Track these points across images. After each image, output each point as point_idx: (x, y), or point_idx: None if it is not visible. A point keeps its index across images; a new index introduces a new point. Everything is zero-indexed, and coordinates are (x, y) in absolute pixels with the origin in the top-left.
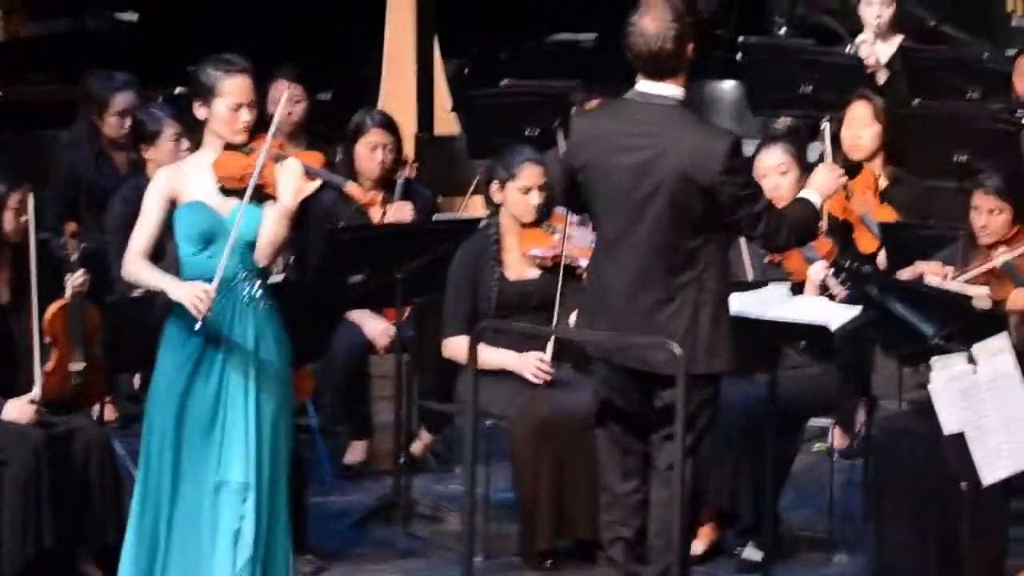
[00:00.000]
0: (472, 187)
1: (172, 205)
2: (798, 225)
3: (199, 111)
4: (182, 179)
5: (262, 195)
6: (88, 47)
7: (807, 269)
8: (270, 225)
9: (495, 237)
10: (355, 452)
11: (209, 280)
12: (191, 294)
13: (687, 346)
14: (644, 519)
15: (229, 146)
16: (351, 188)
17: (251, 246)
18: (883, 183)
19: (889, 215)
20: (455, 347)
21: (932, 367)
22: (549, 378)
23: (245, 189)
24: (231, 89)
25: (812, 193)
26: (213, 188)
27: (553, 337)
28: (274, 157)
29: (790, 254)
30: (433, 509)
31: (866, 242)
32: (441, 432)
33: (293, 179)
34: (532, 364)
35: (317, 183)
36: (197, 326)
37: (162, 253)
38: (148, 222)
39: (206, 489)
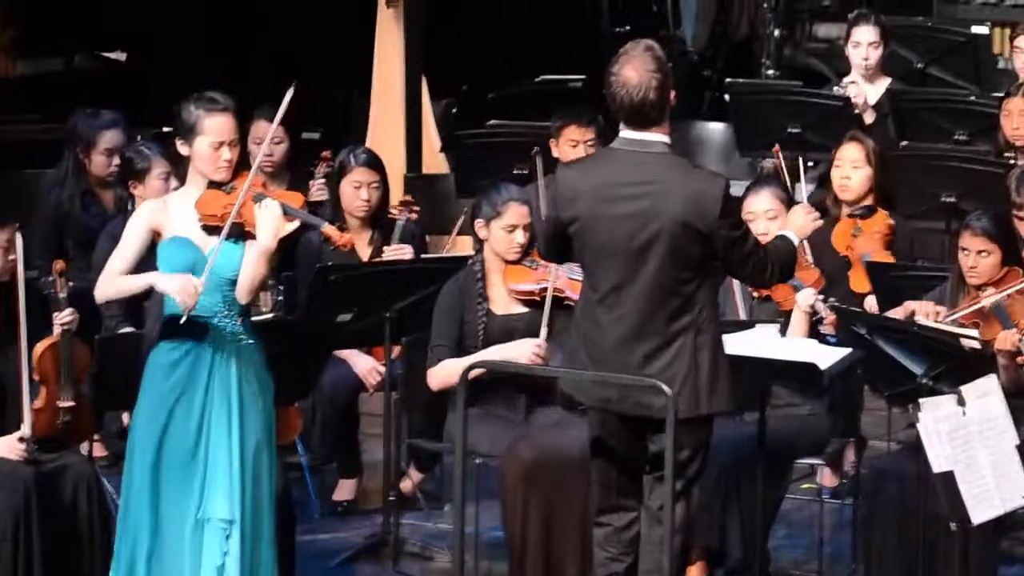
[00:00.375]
0: (458, 226)
1: (154, 238)
2: (782, 262)
3: (181, 148)
4: (166, 213)
5: (242, 233)
6: (76, 86)
7: (794, 297)
8: (250, 264)
9: (480, 274)
10: (344, 490)
11: (198, 316)
12: (183, 286)
13: (688, 390)
14: (637, 555)
15: (212, 184)
16: (327, 229)
17: (231, 283)
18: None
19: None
20: (441, 371)
21: (921, 407)
22: (543, 362)
23: (222, 227)
24: (212, 128)
25: (790, 233)
26: (196, 224)
27: (546, 321)
28: (254, 197)
29: (776, 287)
30: (422, 547)
31: (861, 282)
32: (430, 470)
33: (271, 219)
34: (530, 350)
35: (295, 224)
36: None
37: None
38: (127, 246)
39: (187, 524)
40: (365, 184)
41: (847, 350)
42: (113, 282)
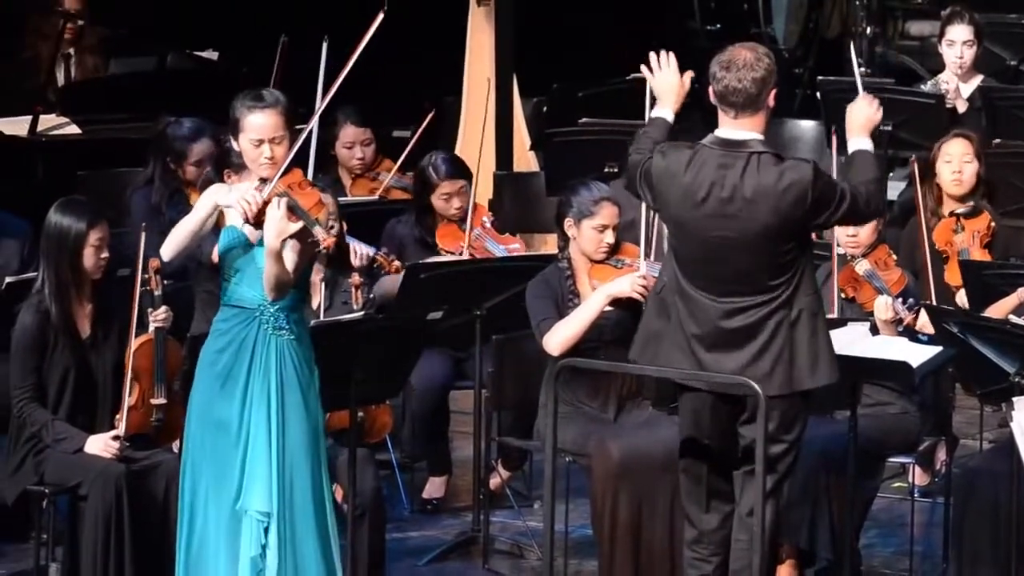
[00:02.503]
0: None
1: (220, 219)
2: (875, 182)
3: (233, 144)
4: (228, 199)
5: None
6: (168, 86)
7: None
8: (267, 260)
9: (568, 271)
10: (434, 488)
11: (235, 306)
12: (241, 196)
13: (782, 368)
14: (727, 555)
15: (263, 182)
16: (317, 232)
17: None
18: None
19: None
20: (557, 333)
21: (1014, 405)
22: (647, 292)
23: (260, 222)
24: (253, 125)
25: (859, 138)
26: None
27: (642, 255)
28: (279, 194)
29: (862, 287)
30: (512, 545)
31: (955, 277)
32: (519, 469)
33: (274, 218)
34: (636, 283)
35: (300, 224)
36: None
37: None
38: (192, 213)
39: (223, 514)
40: (454, 194)
41: (939, 348)
42: (175, 232)
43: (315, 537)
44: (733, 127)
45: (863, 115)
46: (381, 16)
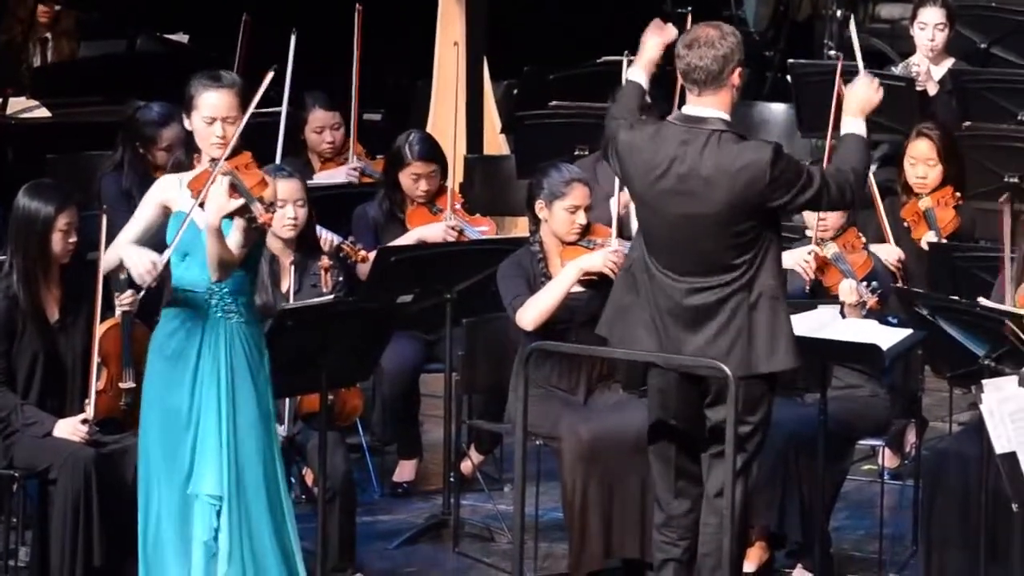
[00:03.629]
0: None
1: (166, 212)
2: (856, 170)
3: (186, 123)
4: (177, 188)
5: None
6: (138, 68)
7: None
8: (206, 243)
9: (540, 255)
10: (404, 472)
11: (185, 290)
12: (139, 260)
13: (740, 349)
14: (695, 539)
15: (213, 162)
16: (256, 208)
17: None
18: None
19: (952, 225)
20: (531, 307)
21: (983, 388)
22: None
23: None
24: (207, 103)
25: (853, 120)
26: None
27: (615, 231)
28: (224, 173)
29: (829, 271)
30: (482, 528)
31: (921, 232)
32: (490, 452)
33: (216, 196)
34: (609, 259)
35: (240, 201)
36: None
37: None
38: (136, 219)
39: (175, 497)
40: (424, 176)
41: (909, 331)
42: (112, 250)
43: (269, 519)
44: (696, 104)
45: (862, 95)
46: (269, 76)
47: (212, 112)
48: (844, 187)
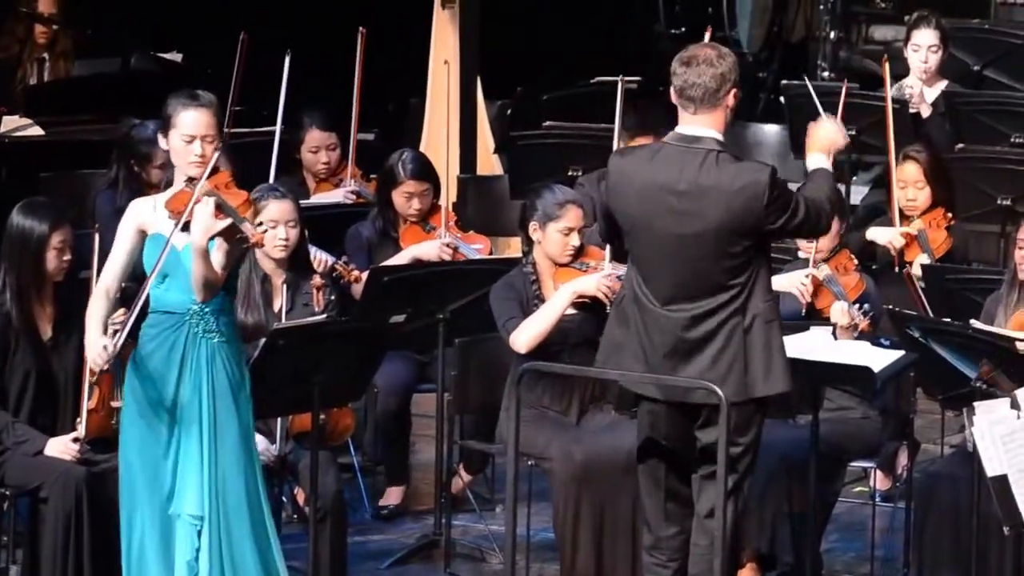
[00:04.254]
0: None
1: (143, 237)
2: (830, 202)
3: (162, 142)
4: (151, 211)
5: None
6: (132, 87)
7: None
8: (191, 263)
9: (533, 275)
10: (391, 497)
11: (164, 312)
12: (94, 344)
13: (736, 374)
14: (685, 560)
15: (189, 180)
16: (246, 228)
17: None
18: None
19: (944, 247)
20: (524, 330)
21: (975, 411)
22: (613, 292)
23: (188, 223)
24: (186, 121)
25: (818, 157)
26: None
27: (608, 257)
28: (207, 193)
29: (821, 293)
30: (473, 549)
31: (913, 254)
32: (480, 472)
33: (202, 216)
34: (602, 283)
35: (227, 222)
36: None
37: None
38: (116, 255)
39: (157, 518)
40: (416, 195)
41: (901, 353)
42: (93, 303)
43: (251, 539)
44: (692, 123)
45: (827, 136)
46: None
47: (191, 130)
48: (821, 215)
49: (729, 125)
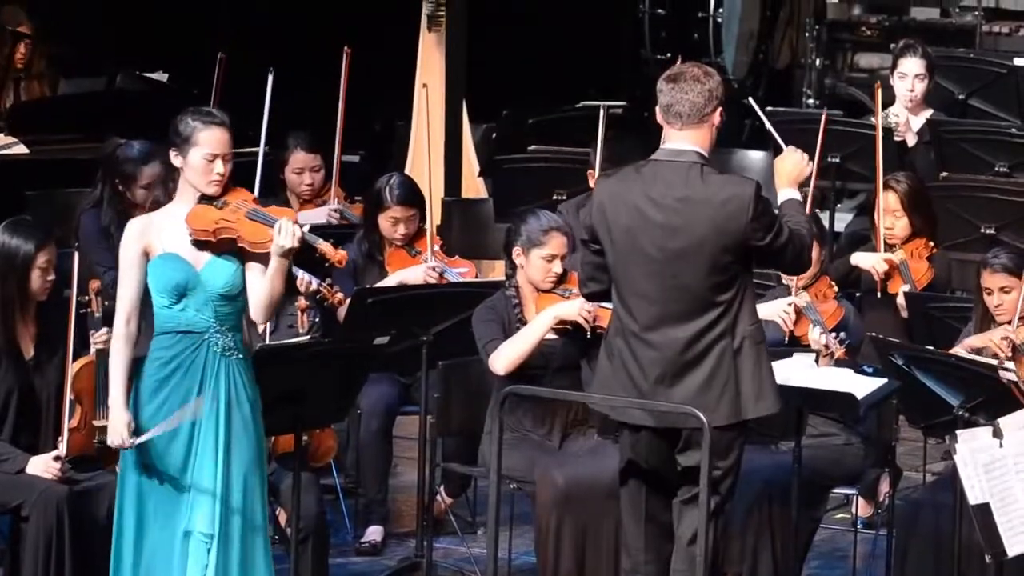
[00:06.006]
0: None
1: (145, 257)
2: (809, 234)
3: (175, 160)
4: (153, 230)
5: (234, 248)
6: (118, 106)
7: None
8: (267, 282)
9: (516, 299)
10: (372, 534)
11: (180, 332)
12: (120, 424)
13: (728, 397)
14: None
15: (203, 199)
16: (322, 246)
17: (223, 298)
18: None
19: (926, 277)
20: (504, 352)
21: (957, 438)
22: (592, 317)
23: (214, 242)
24: (207, 140)
25: (787, 191)
26: (186, 240)
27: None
28: (248, 213)
29: (800, 320)
30: (456, 571)
31: (895, 285)
32: (461, 495)
33: (284, 234)
34: (584, 308)
35: (309, 238)
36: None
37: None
38: (129, 286)
39: (175, 540)
40: (402, 219)
41: (884, 380)
42: (116, 353)
43: (262, 557)
44: (679, 140)
45: (792, 167)
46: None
47: (214, 148)
48: (804, 246)
49: (714, 146)
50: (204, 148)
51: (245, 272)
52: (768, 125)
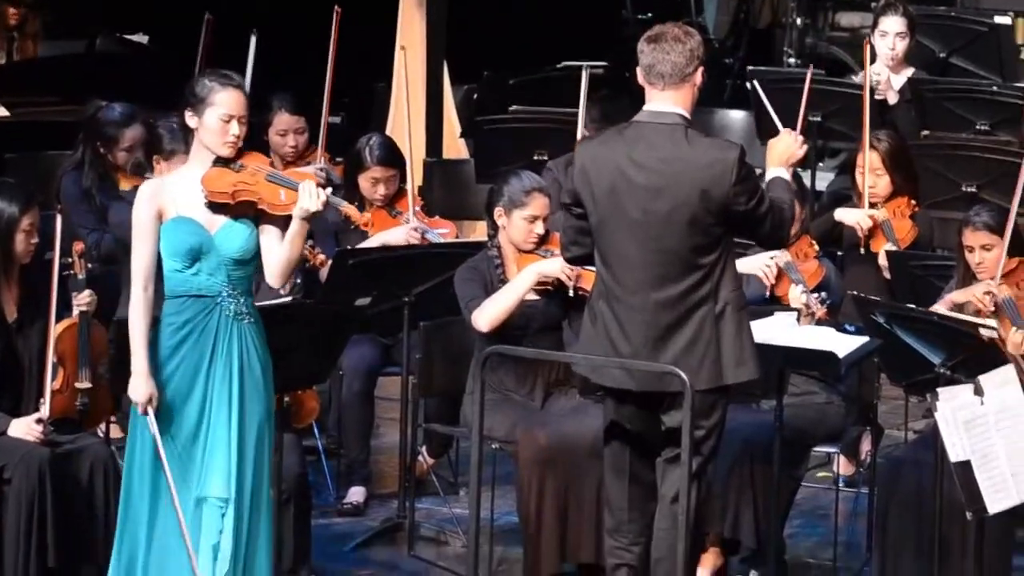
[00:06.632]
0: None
1: (158, 220)
2: (790, 210)
3: (190, 120)
4: (166, 194)
5: (252, 212)
6: (98, 68)
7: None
8: (287, 245)
9: (498, 260)
10: (354, 495)
11: (192, 296)
12: (142, 390)
13: (710, 361)
14: (648, 543)
15: (219, 161)
16: (347, 209)
17: (235, 263)
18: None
19: (910, 235)
20: (486, 309)
21: (938, 396)
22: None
23: (231, 205)
24: (224, 100)
25: (777, 169)
26: (200, 203)
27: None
28: (268, 175)
29: (782, 279)
30: (438, 532)
31: (877, 244)
32: (443, 456)
33: (310, 197)
34: (566, 267)
35: (332, 199)
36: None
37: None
38: (145, 250)
39: (187, 503)
40: (382, 180)
41: (865, 338)
42: (136, 307)
43: (268, 522)
44: (660, 100)
45: (785, 149)
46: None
47: (231, 110)
48: (784, 219)
49: (695, 106)
50: (220, 108)
51: (260, 236)
52: (770, 109)
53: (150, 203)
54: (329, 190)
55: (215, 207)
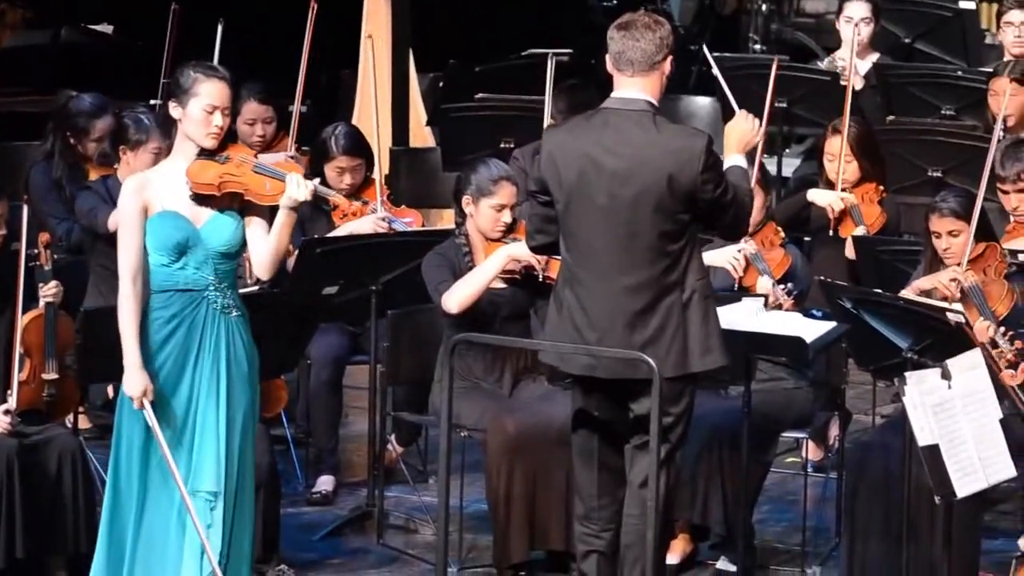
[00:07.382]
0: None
1: (144, 214)
2: (751, 200)
3: (173, 111)
4: (151, 188)
5: (238, 203)
6: (63, 59)
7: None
8: (275, 236)
9: (466, 248)
10: (323, 484)
11: (179, 290)
12: (136, 383)
13: (677, 348)
14: (618, 530)
15: (203, 153)
16: (335, 198)
17: (222, 256)
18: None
19: (879, 221)
20: (456, 291)
21: (906, 381)
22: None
23: (217, 196)
24: (208, 91)
25: (735, 157)
26: (185, 197)
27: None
28: (255, 167)
29: (749, 268)
30: (407, 520)
31: (846, 229)
32: (412, 443)
33: (297, 187)
34: (529, 254)
35: (321, 190)
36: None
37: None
38: (132, 243)
39: (175, 497)
40: (348, 169)
41: (832, 324)
42: (125, 312)
43: (251, 513)
44: (629, 87)
45: (739, 133)
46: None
47: (214, 100)
48: (744, 210)
49: (663, 94)
50: (204, 99)
51: (245, 229)
52: (725, 88)
53: (135, 197)
54: (317, 180)
55: (200, 199)
